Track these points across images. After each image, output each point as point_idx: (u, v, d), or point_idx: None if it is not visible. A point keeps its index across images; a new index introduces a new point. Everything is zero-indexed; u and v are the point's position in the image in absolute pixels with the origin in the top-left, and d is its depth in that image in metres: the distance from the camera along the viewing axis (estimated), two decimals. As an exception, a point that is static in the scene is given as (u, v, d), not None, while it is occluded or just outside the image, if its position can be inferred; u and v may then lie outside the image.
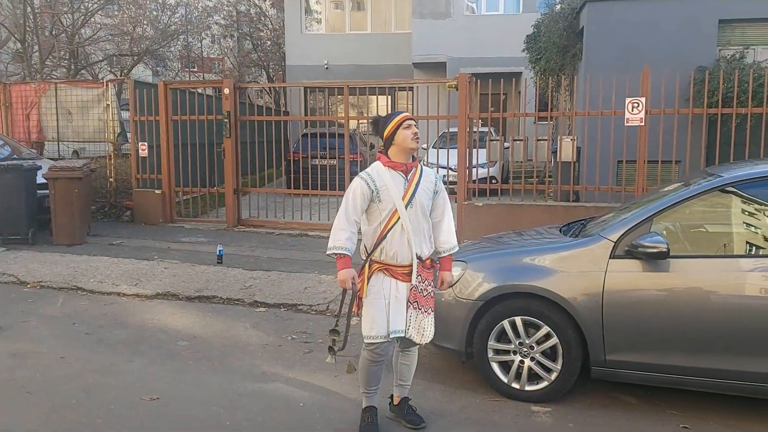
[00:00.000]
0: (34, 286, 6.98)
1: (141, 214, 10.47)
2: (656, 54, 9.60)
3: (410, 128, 3.58)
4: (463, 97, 8.82)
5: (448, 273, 3.80)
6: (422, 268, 3.62)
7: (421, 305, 3.61)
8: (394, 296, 3.57)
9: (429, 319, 3.65)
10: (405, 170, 3.61)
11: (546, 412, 4.04)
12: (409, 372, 3.87)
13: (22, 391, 4.32)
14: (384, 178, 3.57)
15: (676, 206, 4.06)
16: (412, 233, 3.56)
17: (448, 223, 3.77)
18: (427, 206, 3.65)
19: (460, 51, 18.67)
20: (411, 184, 3.60)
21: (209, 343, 5.28)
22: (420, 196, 3.60)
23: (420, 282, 3.61)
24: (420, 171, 3.66)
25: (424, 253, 3.64)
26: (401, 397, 3.91)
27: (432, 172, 3.77)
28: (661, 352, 3.88)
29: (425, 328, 3.63)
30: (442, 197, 3.75)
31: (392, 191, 3.55)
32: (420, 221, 3.60)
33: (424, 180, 3.65)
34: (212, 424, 3.86)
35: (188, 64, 33.27)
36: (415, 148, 3.61)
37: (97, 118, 11.08)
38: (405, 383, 3.89)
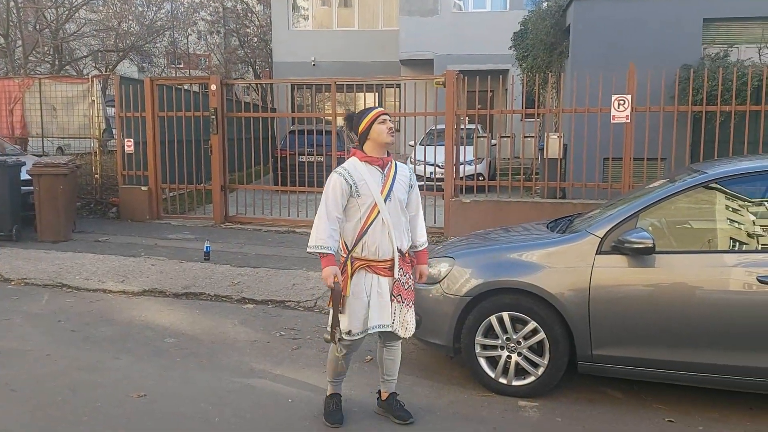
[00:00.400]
0: (18, 283, 6.91)
1: (127, 210, 10.40)
2: (642, 52, 9.68)
3: (385, 123, 3.62)
4: (451, 93, 8.83)
5: (425, 266, 3.88)
6: (403, 262, 3.66)
7: (404, 298, 3.64)
8: (376, 292, 3.59)
9: (411, 312, 3.69)
10: (381, 165, 3.64)
11: (533, 406, 4.06)
12: (395, 366, 3.89)
13: (7, 389, 4.28)
14: (361, 172, 3.58)
15: (662, 202, 4.10)
16: (393, 227, 3.58)
17: (420, 217, 3.87)
18: (404, 200, 3.70)
19: (448, 48, 18.70)
20: (388, 179, 3.63)
21: (197, 339, 5.26)
22: (397, 190, 3.64)
23: (402, 275, 3.64)
24: (395, 166, 3.71)
25: (404, 247, 3.68)
26: (389, 392, 3.93)
27: (406, 166, 3.82)
28: (646, 347, 3.92)
29: (408, 321, 3.68)
30: (415, 192, 3.81)
31: (371, 186, 3.56)
32: (399, 215, 3.65)
33: (399, 174, 3.70)
34: (200, 421, 3.85)
35: (174, 61, 33.04)
36: (391, 142, 3.64)
37: (82, 114, 10.98)
38: (391, 378, 3.91)
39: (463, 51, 18.41)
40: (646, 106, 8.22)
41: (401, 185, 3.68)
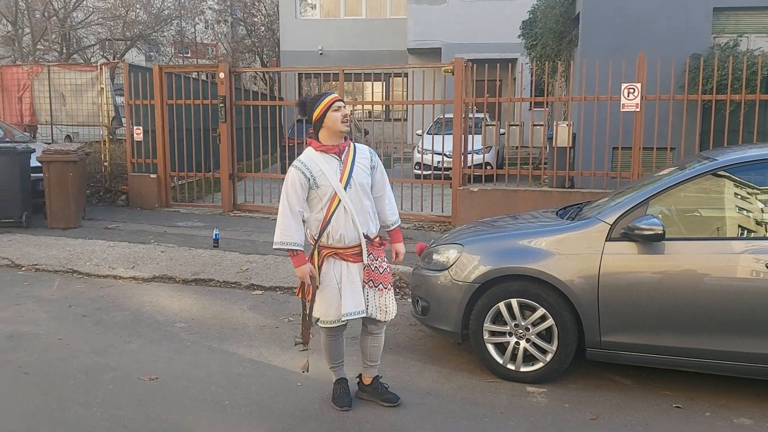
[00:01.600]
0: (28, 269, 6.97)
1: (136, 198, 10.45)
2: (651, 41, 9.62)
3: (340, 110, 3.58)
4: (459, 81, 8.81)
5: (400, 244, 3.87)
6: (372, 247, 3.66)
7: (377, 283, 3.66)
8: (346, 278, 3.61)
9: (389, 295, 3.70)
10: (338, 152, 3.62)
11: (541, 392, 4.09)
12: (378, 352, 3.89)
13: (20, 372, 4.33)
14: (318, 163, 3.56)
15: (672, 189, 4.10)
16: (356, 213, 3.59)
17: (389, 197, 3.82)
18: (367, 184, 3.66)
19: (456, 37, 18.62)
20: (346, 165, 3.61)
21: (207, 324, 5.30)
22: (357, 175, 3.62)
23: (372, 260, 3.65)
24: (353, 150, 3.67)
25: (372, 231, 3.67)
26: (372, 377, 3.93)
27: (366, 148, 3.77)
28: (655, 334, 3.93)
29: (387, 305, 3.70)
30: (380, 171, 3.76)
31: (329, 175, 3.55)
32: (362, 200, 3.62)
33: (358, 158, 3.67)
34: (211, 403, 3.89)
35: (182, 50, 33.05)
36: (346, 131, 3.62)
37: (90, 101, 11.00)
38: (374, 363, 3.91)
39: (472, 40, 18.34)
40: (656, 95, 8.18)
41: (361, 169, 3.64)
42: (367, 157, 3.71)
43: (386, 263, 3.74)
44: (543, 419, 3.74)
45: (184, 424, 3.64)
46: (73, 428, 3.58)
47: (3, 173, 8.37)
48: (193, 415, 3.76)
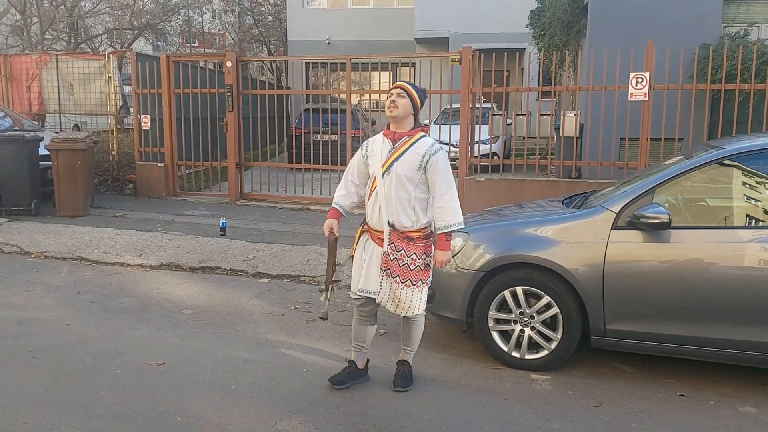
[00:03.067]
0: (38, 256, 7.03)
1: (144, 187, 10.50)
2: (660, 30, 9.55)
3: (390, 96, 3.68)
4: (466, 70, 8.79)
5: (439, 252, 3.71)
6: (398, 237, 3.66)
7: (394, 274, 3.66)
8: (369, 258, 3.74)
9: (408, 291, 3.68)
10: (393, 138, 3.68)
11: (545, 379, 4.11)
12: (408, 338, 3.97)
13: (29, 356, 4.39)
14: (376, 145, 3.73)
15: (678, 178, 4.09)
16: (384, 201, 3.64)
17: (442, 200, 3.63)
18: (408, 177, 3.62)
19: (463, 26, 18.53)
20: (394, 153, 3.66)
21: (214, 311, 5.34)
22: (400, 166, 3.62)
23: (393, 250, 3.66)
24: (413, 141, 3.66)
25: (401, 223, 3.66)
26: (400, 358, 4.05)
27: (428, 146, 3.65)
28: (660, 322, 3.93)
29: (401, 299, 3.69)
30: (433, 172, 3.62)
31: (376, 158, 3.69)
32: (397, 190, 3.62)
33: (411, 151, 3.64)
34: (218, 388, 3.93)
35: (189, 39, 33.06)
36: (389, 115, 3.67)
37: (98, 90, 11.05)
38: (405, 347, 4.01)
39: (479, 29, 18.24)
40: (665, 84, 8.14)
41: (407, 163, 3.61)
42: (419, 154, 3.62)
43: (419, 261, 3.68)
44: (547, 406, 3.76)
45: (191, 409, 3.68)
46: (82, 412, 3.62)
47: (12, 161, 8.42)
48: (200, 399, 3.79)
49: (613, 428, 3.53)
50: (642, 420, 3.62)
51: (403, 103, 3.64)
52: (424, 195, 3.69)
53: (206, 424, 3.52)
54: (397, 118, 3.67)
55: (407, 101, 3.66)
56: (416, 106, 3.70)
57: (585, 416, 3.65)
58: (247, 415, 3.62)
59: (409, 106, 3.66)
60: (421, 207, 3.69)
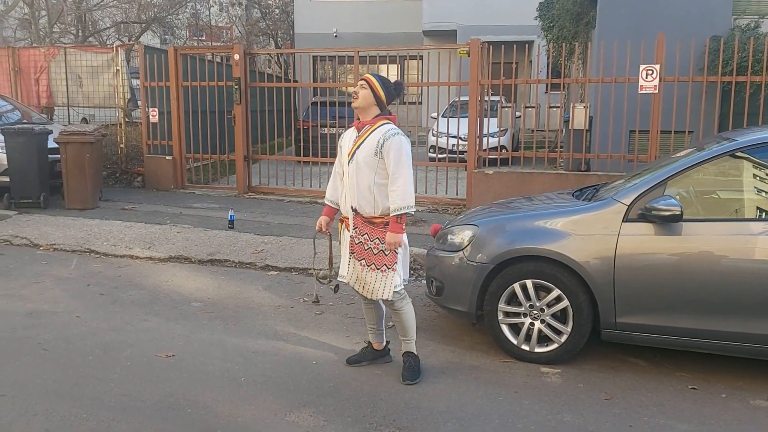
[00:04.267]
0: (47, 248, 7.05)
1: (152, 180, 10.51)
2: (670, 22, 9.47)
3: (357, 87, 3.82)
4: (475, 62, 8.74)
5: (389, 234, 3.72)
6: (361, 222, 3.79)
7: (359, 257, 3.81)
8: (343, 244, 3.94)
9: (373, 275, 3.79)
10: (358, 127, 3.85)
11: (555, 373, 4.09)
12: (401, 325, 3.99)
13: (39, 348, 4.40)
14: (347, 135, 3.91)
15: (690, 170, 4.06)
16: (348, 187, 3.82)
17: (395, 183, 3.68)
18: (367, 163, 3.73)
19: (472, 19, 18.46)
20: (357, 141, 3.81)
21: (223, 304, 5.35)
22: (361, 152, 3.76)
23: (358, 234, 3.81)
24: (374, 128, 3.79)
25: (362, 208, 3.79)
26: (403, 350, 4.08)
27: (384, 132, 3.73)
28: (671, 315, 3.91)
29: (368, 282, 3.82)
30: (388, 156, 3.68)
31: (345, 147, 3.88)
32: (358, 176, 3.76)
33: (370, 138, 3.77)
34: (228, 380, 3.94)
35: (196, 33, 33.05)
36: (352, 105, 3.85)
37: (107, 83, 11.05)
38: (403, 338, 4.04)
39: (488, 22, 18.16)
40: (675, 76, 8.07)
41: (366, 149, 3.75)
42: (377, 139, 3.74)
43: (383, 246, 3.76)
44: (557, 399, 3.75)
45: (201, 400, 3.68)
46: (92, 403, 3.63)
47: (21, 154, 8.44)
48: (210, 391, 3.80)
49: (624, 421, 3.51)
50: (653, 413, 3.60)
51: (363, 94, 3.79)
52: (384, 181, 3.75)
53: (216, 415, 3.52)
54: (359, 108, 3.84)
55: (368, 92, 3.79)
56: (378, 96, 3.80)
57: (596, 409, 3.64)
58: (256, 407, 3.62)
59: (370, 96, 3.79)
60: (380, 193, 3.76)
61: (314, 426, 3.43)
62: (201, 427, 3.40)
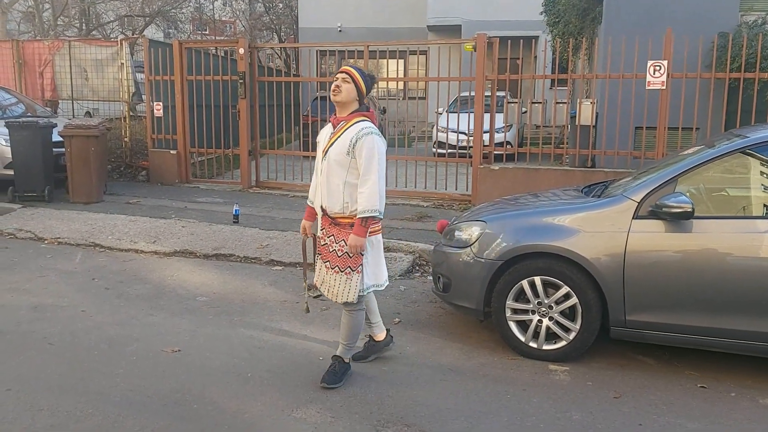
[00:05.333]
0: (51, 242, 7.04)
1: (157, 174, 10.49)
2: (677, 18, 9.40)
3: (335, 81, 3.65)
4: (481, 58, 8.70)
5: (352, 236, 3.56)
6: (328, 222, 3.69)
7: (325, 259, 3.71)
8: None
9: (336, 277, 3.64)
10: (334, 124, 3.70)
11: (564, 370, 4.06)
12: (344, 329, 3.84)
13: (44, 342, 4.39)
14: (324, 131, 3.78)
15: (701, 167, 4.02)
16: (320, 186, 3.69)
17: (363, 185, 3.52)
18: (338, 161, 3.57)
19: (477, 14, 18.39)
20: (332, 138, 3.67)
21: (228, 299, 5.33)
22: (334, 150, 3.62)
23: (324, 235, 3.71)
24: (349, 126, 3.62)
25: (332, 209, 3.65)
26: (336, 353, 3.92)
27: (358, 130, 3.56)
28: (681, 313, 3.87)
29: (332, 285, 3.68)
30: (359, 156, 3.52)
31: (321, 144, 3.75)
32: (330, 175, 3.61)
33: (344, 135, 3.60)
34: (234, 375, 3.92)
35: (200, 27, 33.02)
36: (333, 100, 3.66)
37: (111, 77, 11.01)
38: (342, 341, 3.88)
39: (493, 17, 18.08)
40: (683, 73, 8.02)
41: (339, 147, 3.59)
42: (349, 138, 3.56)
43: (347, 248, 3.59)
44: (565, 397, 3.72)
45: (207, 396, 3.66)
46: (97, 398, 3.62)
47: (26, 147, 8.42)
48: (216, 386, 3.78)
49: (633, 419, 3.48)
50: (662, 412, 3.58)
51: (347, 88, 3.60)
52: (356, 181, 3.57)
53: (222, 411, 3.50)
54: (340, 103, 3.64)
55: (352, 86, 3.61)
56: (360, 91, 3.65)
57: (605, 407, 3.61)
58: (263, 402, 3.60)
59: (353, 91, 3.62)
60: (351, 193, 3.58)
61: (321, 422, 3.41)
62: (208, 423, 3.38)
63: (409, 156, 9.71)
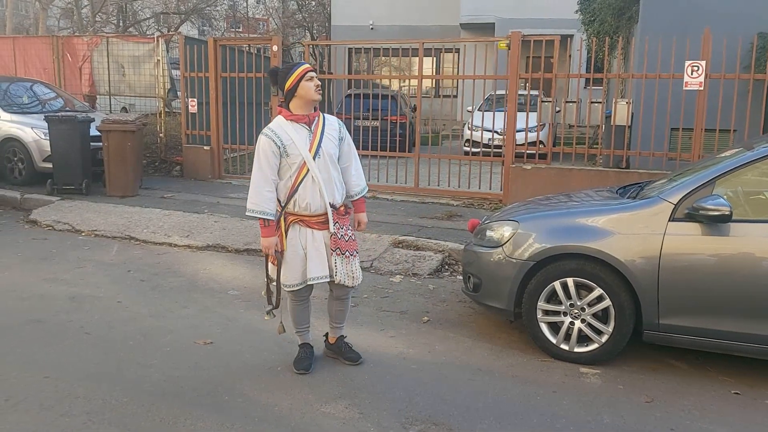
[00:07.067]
0: (88, 234, 7.19)
1: (190, 169, 10.63)
2: (716, 18, 9.20)
3: (313, 80, 3.68)
4: (515, 56, 8.63)
5: (362, 214, 4.00)
6: (338, 216, 3.76)
7: (344, 250, 3.77)
8: (311, 245, 3.73)
9: (355, 262, 3.84)
10: (308, 122, 3.69)
11: (595, 373, 4.02)
12: (343, 315, 4.08)
13: (81, 331, 4.49)
14: (288, 132, 3.65)
15: (740, 170, 3.94)
16: (323, 183, 3.68)
17: (355, 167, 3.90)
18: (334, 154, 3.77)
19: (510, 11, 18.26)
20: (316, 135, 3.70)
21: (258, 293, 5.33)
22: (326, 145, 3.71)
23: (339, 229, 3.76)
24: (323, 120, 3.76)
25: (337, 201, 3.77)
26: (336, 336, 4.12)
27: (334, 119, 3.86)
28: (716, 317, 3.81)
29: (353, 271, 3.83)
30: (347, 143, 3.85)
31: (298, 145, 3.63)
32: (330, 170, 3.72)
33: (328, 128, 3.76)
34: (264, 369, 3.97)
35: (234, 24, 33.36)
36: (318, 99, 3.71)
37: (148, 73, 11.20)
38: (339, 325, 4.11)
39: (526, 15, 17.94)
40: (721, 74, 7.86)
41: (330, 140, 3.74)
42: (335, 128, 3.81)
43: (351, 231, 3.85)
44: (597, 400, 3.69)
45: (238, 388, 3.71)
46: (132, 387, 3.69)
47: (64, 141, 8.61)
48: (247, 379, 3.83)
49: (665, 424, 3.44)
50: (695, 417, 3.53)
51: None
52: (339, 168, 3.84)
53: (253, 403, 3.55)
54: (317, 102, 3.74)
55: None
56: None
57: (636, 411, 3.57)
58: (292, 396, 3.64)
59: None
60: (342, 181, 3.84)
61: (350, 418, 3.43)
62: (238, 415, 3.42)
63: (441, 154, 9.68)
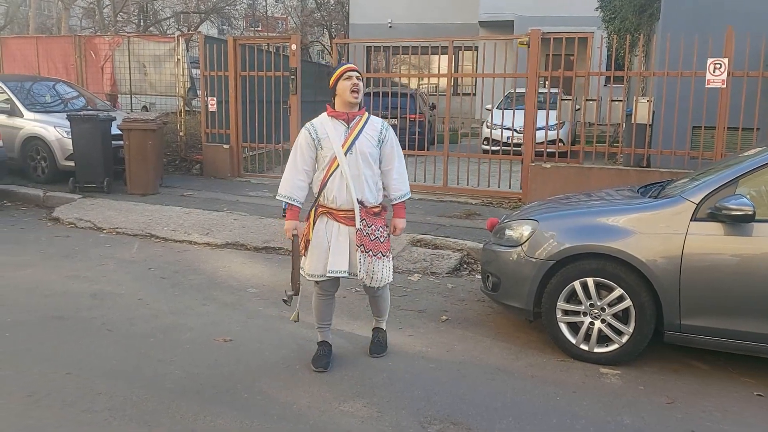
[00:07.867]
0: (110, 232, 7.27)
1: (210, 167, 10.70)
2: (738, 15, 9.05)
3: (350, 80, 3.77)
4: (535, 54, 8.58)
5: (399, 219, 4.02)
6: (366, 214, 3.80)
7: (368, 249, 3.79)
8: (335, 238, 3.80)
9: (381, 263, 3.86)
10: (346, 119, 3.80)
11: (615, 374, 3.99)
12: (379, 311, 4.20)
13: (103, 328, 4.54)
14: (326, 127, 3.80)
15: (764, 168, 3.89)
16: (351, 179, 3.74)
17: (398, 171, 3.93)
18: (371, 154, 3.81)
19: (529, 9, 18.14)
20: (352, 132, 3.78)
21: (278, 291, 5.37)
22: (361, 143, 3.77)
23: (365, 226, 3.79)
24: (365, 120, 3.84)
25: (367, 200, 3.81)
26: (374, 327, 4.29)
27: (380, 121, 3.91)
28: (739, 318, 3.76)
29: (375, 272, 3.84)
30: (389, 146, 3.89)
31: (332, 139, 3.76)
32: (361, 168, 3.76)
33: (368, 128, 3.83)
34: (283, 367, 3.99)
35: (253, 23, 33.50)
36: (354, 101, 3.78)
37: (168, 72, 11.29)
38: (377, 318, 4.26)
39: (546, 12, 17.81)
40: (744, 71, 7.75)
41: (368, 139, 3.80)
42: (377, 129, 3.86)
43: (384, 233, 3.89)
44: (617, 401, 3.66)
45: (257, 386, 3.73)
46: (152, 384, 3.73)
47: (86, 140, 8.71)
48: (266, 377, 3.85)
49: (686, 425, 3.40)
50: (716, 419, 3.49)
51: (361, 86, 3.81)
52: (379, 170, 3.89)
53: (272, 401, 3.57)
54: (358, 101, 3.82)
55: (362, 84, 3.84)
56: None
57: (657, 413, 3.53)
58: (311, 394, 3.65)
59: (363, 87, 3.86)
60: (378, 182, 3.88)
61: (368, 417, 3.44)
62: (257, 413, 3.44)
63: (460, 153, 9.65)
